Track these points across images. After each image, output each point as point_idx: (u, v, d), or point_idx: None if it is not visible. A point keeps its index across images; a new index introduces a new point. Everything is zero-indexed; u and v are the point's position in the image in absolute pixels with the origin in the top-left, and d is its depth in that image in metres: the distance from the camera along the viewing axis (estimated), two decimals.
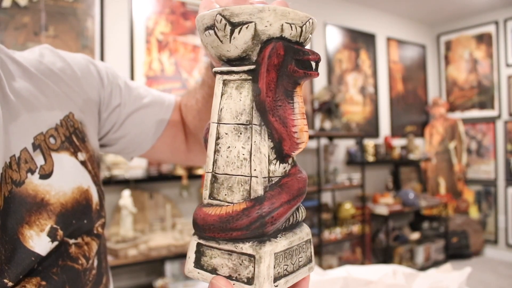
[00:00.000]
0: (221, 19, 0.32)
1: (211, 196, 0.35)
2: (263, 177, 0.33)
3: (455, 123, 4.82)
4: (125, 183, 2.57)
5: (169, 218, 2.70)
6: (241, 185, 0.33)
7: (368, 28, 4.44)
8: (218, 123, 0.35)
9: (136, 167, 2.66)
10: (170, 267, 2.59)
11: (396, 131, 4.69)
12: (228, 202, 0.34)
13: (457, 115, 5.03)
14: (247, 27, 0.32)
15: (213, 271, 0.34)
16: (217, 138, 0.35)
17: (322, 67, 3.98)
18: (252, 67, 0.34)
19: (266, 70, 0.33)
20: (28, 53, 0.60)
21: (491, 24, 4.69)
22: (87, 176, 0.58)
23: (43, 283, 0.48)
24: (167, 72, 2.94)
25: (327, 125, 3.68)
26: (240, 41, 0.33)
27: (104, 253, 0.62)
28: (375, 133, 4.44)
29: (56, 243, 0.50)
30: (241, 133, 0.34)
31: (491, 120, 4.72)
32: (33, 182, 0.49)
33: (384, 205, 3.89)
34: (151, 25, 2.88)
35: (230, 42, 0.33)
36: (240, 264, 0.33)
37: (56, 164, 0.52)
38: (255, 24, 0.32)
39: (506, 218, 4.58)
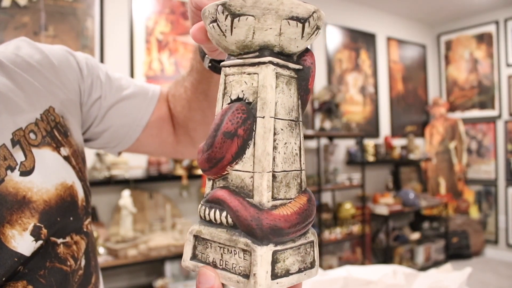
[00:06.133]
0: (316, 17, 0.34)
1: (273, 197, 0.33)
2: None
3: (455, 123, 4.81)
4: (125, 183, 2.57)
5: (169, 218, 2.70)
6: (295, 179, 0.34)
7: (368, 28, 4.44)
8: (275, 118, 0.33)
9: (136, 167, 2.66)
10: (170, 267, 2.59)
11: (396, 131, 4.69)
12: (288, 199, 0.33)
13: (458, 115, 5.02)
14: (319, 32, 0.35)
15: (287, 273, 0.33)
16: (274, 134, 0.33)
17: (322, 67, 3.98)
18: (301, 67, 0.35)
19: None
20: (4, 47, 0.57)
21: (491, 23, 4.68)
22: (71, 171, 0.55)
23: (30, 287, 0.47)
24: (167, 72, 2.93)
25: (327, 125, 3.68)
26: (310, 42, 0.35)
27: (93, 251, 0.60)
28: (375, 133, 4.44)
29: (40, 242, 0.48)
30: (293, 129, 0.35)
31: (492, 120, 4.72)
32: (14, 180, 0.47)
33: (384, 205, 3.88)
34: (151, 25, 2.88)
35: (306, 40, 0.34)
36: (306, 253, 0.34)
37: (37, 160, 0.50)
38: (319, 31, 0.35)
39: (506, 218, 4.58)
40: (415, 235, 4.22)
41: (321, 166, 3.62)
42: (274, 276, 0.31)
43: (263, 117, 0.32)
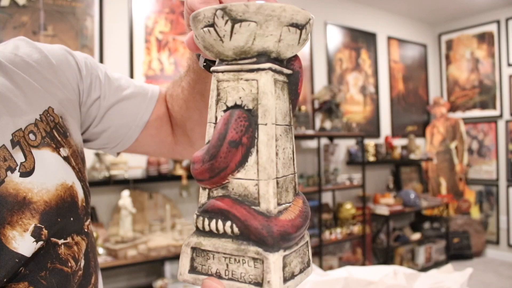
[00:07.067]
0: (311, 23, 0.35)
1: (278, 203, 0.33)
2: None
3: (456, 123, 4.80)
4: (124, 183, 2.56)
5: (169, 219, 2.69)
6: (291, 183, 0.35)
7: (369, 27, 4.43)
8: (276, 124, 0.33)
9: (136, 167, 2.65)
10: (169, 268, 2.58)
11: (397, 131, 4.68)
12: (288, 203, 0.34)
13: (458, 114, 5.01)
14: (308, 38, 0.36)
15: (292, 275, 0.33)
16: (276, 140, 0.33)
17: (323, 67, 3.97)
18: (291, 71, 0.36)
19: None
20: (2, 46, 0.57)
21: (492, 23, 4.67)
22: (71, 172, 0.55)
23: None
24: (166, 71, 2.93)
25: (328, 125, 3.67)
26: (303, 47, 0.35)
27: (93, 252, 0.60)
28: (375, 133, 4.43)
29: (41, 243, 0.48)
30: (288, 134, 0.35)
31: (493, 120, 4.71)
32: (14, 181, 0.47)
33: (385, 205, 3.87)
34: (151, 25, 2.88)
35: (301, 46, 0.35)
36: (304, 254, 0.35)
37: (37, 160, 0.50)
38: None
39: (507, 218, 4.56)
40: (416, 236, 4.21)
41: (322, 166, 3.61)
42: (284, 280, 0.32)
43: (266, 124, 0.32)
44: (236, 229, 0.32)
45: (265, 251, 0.31)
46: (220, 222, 0.33)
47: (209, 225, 0.33)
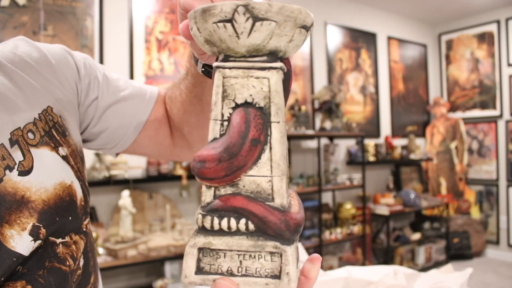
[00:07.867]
0: (313, 24, 0.36)
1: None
2: None
3: (456, 122, 4.80)
4: (124, 183, 2.56)
5: (169, 219, 2.69)
6: (287, 178, 0.35)
7: (369, 27, 4.43)
8: (283, 121, 0.34)
9: (136, 167, 2.65)
10: (169, 268, 2.58)
11: (397, 131, 4.68)
12: (288, 196, 0.35)
13: (458, 114, 5.01)
14: None
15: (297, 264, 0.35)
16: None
17: (323, 67, 3.97)
18: (285, 69, 0.36)
19: None
20: (1, 46, 0.57)
21: (492, 23, 4.67)
22: (70, 171, 0.55)
23: (29, 287, 0.47)
24: (166, 71, 2.93)
25: (328, 125, 3.67)
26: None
27: (92, 251, 0.60)
28: (375, 133, 4.43)
29: (39, 242, 0.48)
30: (285, 130, 0.36)
31: (493, 120, 4.71)
32: (12, 179, 0.47)
33: (385, 205, 3.87)
34: (151, 25, 2.87)
35: (302, 45, 0.37)
36: (298, 246, 0.36)
37: (35, 159, 0.50)
38: None
39: (507, 218, 4.56)
40: (416, 236, 4.21)
41: (322, 166, 3.61)
42: None
43: (278, 122, 0.33)
44: (251, 226, 0.32)
45: (283, 244, 0.32)
46: (233, 220, 0.33)
47: (219, 224, 0.33)
